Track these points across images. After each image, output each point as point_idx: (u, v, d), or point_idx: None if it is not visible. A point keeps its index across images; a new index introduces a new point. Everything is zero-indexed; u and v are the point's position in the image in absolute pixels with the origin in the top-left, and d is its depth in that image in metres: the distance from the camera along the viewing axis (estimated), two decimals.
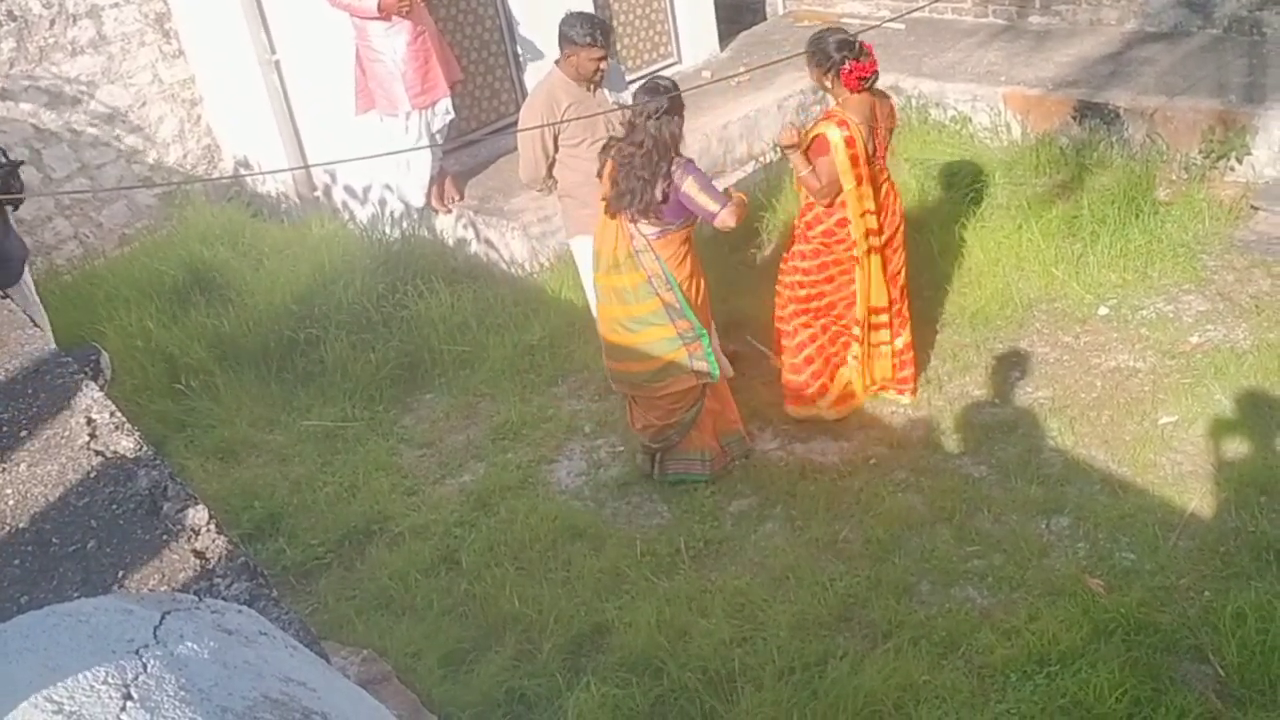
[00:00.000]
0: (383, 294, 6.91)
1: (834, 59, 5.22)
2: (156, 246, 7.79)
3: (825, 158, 5.23)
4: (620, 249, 5.08)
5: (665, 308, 5.12)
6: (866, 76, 5.24)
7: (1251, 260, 6.32)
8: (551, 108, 5.64)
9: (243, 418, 6.29)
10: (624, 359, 5.29)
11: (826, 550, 4.86)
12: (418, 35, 6.87)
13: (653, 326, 5.17)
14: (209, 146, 8.84)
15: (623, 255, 5.08)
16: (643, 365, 5.24)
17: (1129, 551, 4.56)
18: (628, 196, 4.96)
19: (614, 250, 5.10)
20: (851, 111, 5.25)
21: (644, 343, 5.20)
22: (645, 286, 5.10)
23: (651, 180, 4.90)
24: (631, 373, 5.30)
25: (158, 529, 1.89)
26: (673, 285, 5.10)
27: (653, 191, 4.91)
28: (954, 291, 6.43)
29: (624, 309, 5.18)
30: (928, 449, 5.43)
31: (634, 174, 4.92)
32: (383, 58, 6.90)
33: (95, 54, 8.19)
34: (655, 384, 5.26)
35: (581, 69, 5.60)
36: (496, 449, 5.92)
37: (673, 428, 5.34)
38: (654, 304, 5.12)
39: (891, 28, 9.19)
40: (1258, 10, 7.80)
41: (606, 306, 5.29)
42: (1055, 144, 7.43)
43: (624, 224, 5.04)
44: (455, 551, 5.18)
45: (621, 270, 5.11)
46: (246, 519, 5.53)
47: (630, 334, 5.21)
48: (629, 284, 5.12)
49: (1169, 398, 5.40)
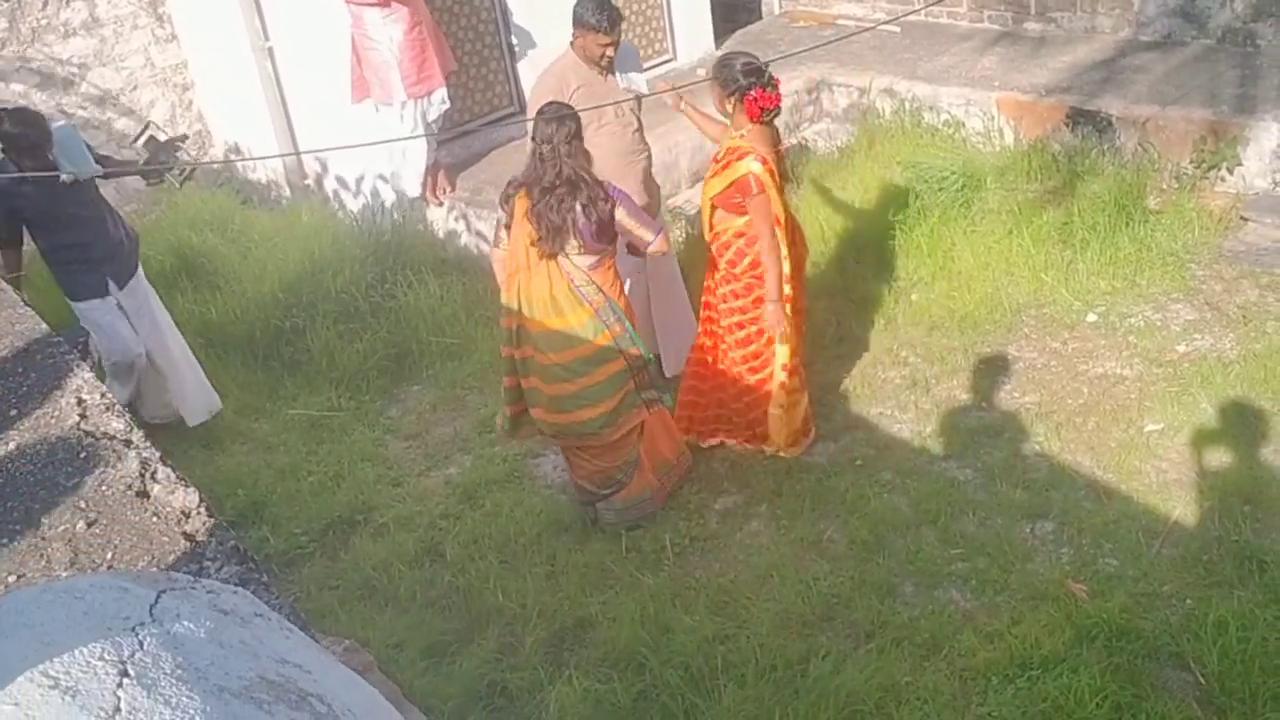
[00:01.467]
0: (371, 284, 6.90)
1: (740, 84, 4.99)
2: (145, 231, 7.73)
3: (753, 198, 5.00)
4: (558, 289, 4.80)
5: (615, 340, 4.89)
6: (769, 109, 5.02)
7: (1240, 271, 6.36)
8: (560, 88, 5.61)
9: (228, 405, 6.28)
10: (570, 409, 4.95)
11: (811, 549, 4.87)
12: (414, 24, 6.85)
13: (603, 365, 4.90)
14: (200, 132, 8.80)
15: (561, 295, 4.80)
16: (594, 411, 4.93)
17: (1112, 558, 4.58)
18: (560, 234, 4.70)
19: (550, 293, 4.80)
20: (758, 143, 5.03)
21: (595, 384, 4.91)
22: (593, 322, 4.84)
23: (574, 210, 4.67)
24: (581, 422, 4.96)
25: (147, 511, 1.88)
26: (619, 314, 4.90)
27: (581, 222, 4.69)
28: (943, 295, 6.45)
29: (570, 353, 4.86)
30: (914, 451, 5.44)
31: (558, 210, 4.67)
32: (379, 46, 6.87)
33: (88, 36, 8.14)
34: (608, 429, 4.98)
35: (589, 52, 5.57)
36: (483, 442, 5.91)
37: (620, 468, 5.11)
38: (604, 338, 4.87)
39: (886, 30, 9.20)
40: (1251, 21, 7.83)
41: (542, 356, 4.91)
42: (1047, 150, 7.45)
43: (556, 264, 4.78)
44: (439, 543, 5.17)
45: (564, 311, 4.82)
46: (230, 507, 5.50)
47: (578, 379, 4.89)
48: (575, 323, 4.83)
49: (1155, 405, 5.43)
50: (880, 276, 6.69)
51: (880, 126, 8.24)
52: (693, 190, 7.98)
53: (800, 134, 8.64)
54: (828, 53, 8.64)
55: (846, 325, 6.34)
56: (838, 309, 6.44)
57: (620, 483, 5.12)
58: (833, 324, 6.34)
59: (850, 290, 6.58)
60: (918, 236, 6.80)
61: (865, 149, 7.97)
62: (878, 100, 8.44)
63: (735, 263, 5.22)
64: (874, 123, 8.31)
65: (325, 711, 1.13)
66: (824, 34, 9.40)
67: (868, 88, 8.51)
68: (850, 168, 7.76)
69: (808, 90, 8.77)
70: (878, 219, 7.02)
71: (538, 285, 4.83)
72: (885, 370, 6.02)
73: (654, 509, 5.23)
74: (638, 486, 5.16)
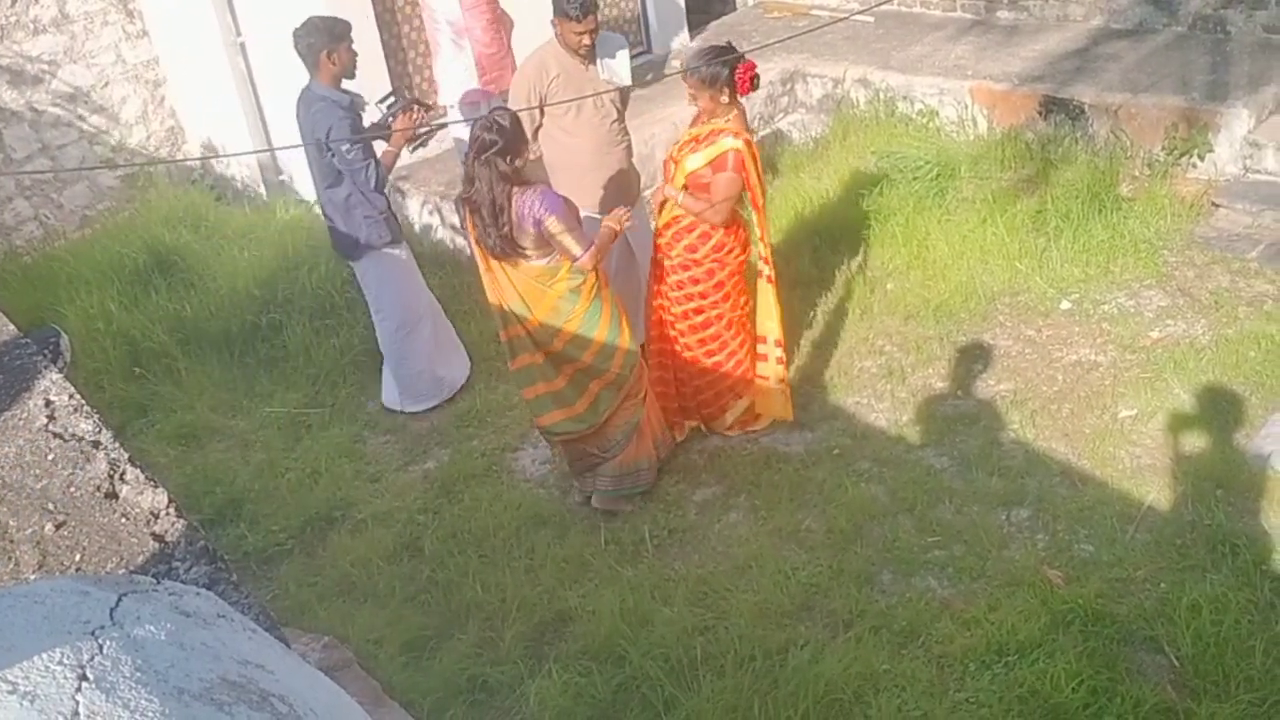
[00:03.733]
0: (347, 279, 6.86)
1: (723, 73, 5.01)
2: (118, 229, 7.71)
3: (727, 174, 5.04)
4: (525, 283, 4.85)
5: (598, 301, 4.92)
6: (755, 75, 5.11)
7: (1212, 257, 6.40)
8: (540, 75, 5.59)
9: (204, 403, 6.25)
10: (573, 399, 5.02)
11: (789, 539, 4.89)
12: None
13: (595, 328, 4.92)
14: (173, 128, 8.75)
15: (527, 288, 4.85)
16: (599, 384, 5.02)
17: (1087, 543, 4.62)
18: (500, 243, 4.73)
19: (527, 283, 4.85)
20: (740, 127, 5.06)
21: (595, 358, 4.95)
22: (564, 301, 4.87)
23: (504, 219, 4.68)
24: (585, 411, 5.03)
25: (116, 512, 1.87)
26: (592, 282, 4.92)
27: (511, 228, 4.69)
28: (918, 284, 6.47)
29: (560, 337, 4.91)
30: (891, 440, 5.46)
31: (492, 219, 4.69)
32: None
33: (58, 33, 8.08)
34: (613, 401, 5.04)
35: (567, 40, 5.55)
36: (461, 436, 5.91)
37: (621, 428, 5.14)
38: (584, 303, 4.89)
39: (860, 20, 9.21)
40: (1222, 8, 7.88)
41: (531, 357, 4.97)
42: (1021, 139, 7.48)
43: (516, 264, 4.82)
44: (418, 539, 5.17)
45: (542, 296, 4.87)
46: (207, 504, 5.50)
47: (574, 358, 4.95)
48: (551, 303, 4.87)
49: (1129, 392, 5.46)
50: (855, 266, 6.71)
51: (855, 116, 8.25)
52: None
53: (775, 125, 8.65)
54: (802, 43, 8.63)
55: (822, 315, 6.35)
56: (813, 299, 6.46)
57: (618, 443, 5.13)
58: (808, 314, 6.35)
59: (826, 280, 6.60)
60: (893, 226, 6.82)
61: (840, 139, 7.99)
62: (852, 90, 8.46)
63: (696, 247, 5.24)
64: (848, 113, 8.33)
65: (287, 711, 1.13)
66: (798, 24, 9.41)
67: (842, 78, 8.52)
68: (825, 158, 7.78)
69: (782, 81, 8.77)
70: (853, 209, 7.04)
71: (519, 277, 4.85)
72: (862, 359, 6.04)
73: (649, 480, 5.26)
74: (634, 453, 5.18)
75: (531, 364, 4.99)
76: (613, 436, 5.12)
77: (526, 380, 5.07)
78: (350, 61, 5.59)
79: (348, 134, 5.46)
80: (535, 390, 5.05)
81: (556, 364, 4.97)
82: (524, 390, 5.14)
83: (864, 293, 6.47)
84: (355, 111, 5.63)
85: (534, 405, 5.12)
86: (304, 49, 5.53)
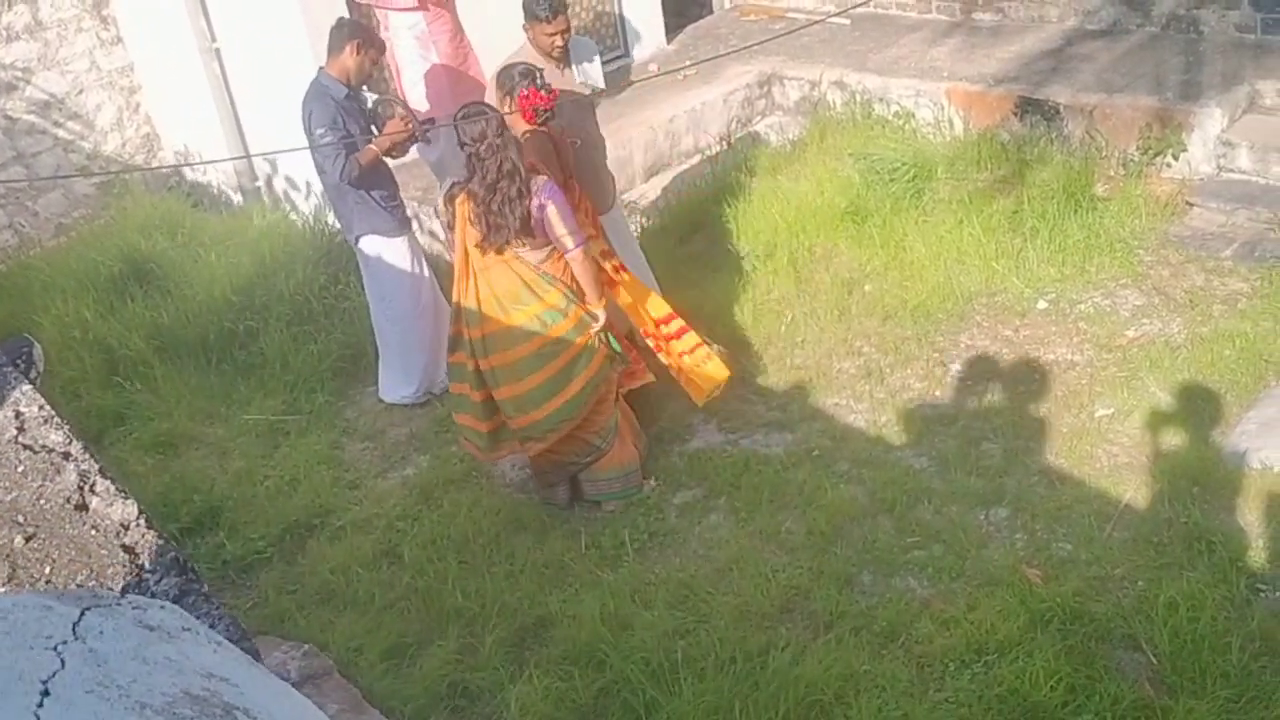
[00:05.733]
0: (324, 285, 6.86)
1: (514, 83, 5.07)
2: (94, 236, 7.67)
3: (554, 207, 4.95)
4: (526, 278, 4.87)
5: (576, 324, 4.93)
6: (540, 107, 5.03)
7: (1186, 256, 6.43)
8: None
9: (182, 410, 6.22)
10: (541, 401, 4.97)
11: (770, 541, 4.89)
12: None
13: (567, 348, 4.94)
14: (148, 135, 8.71)
15: (526, 284, 4.87)
16: (561, 399, 4.97)
17: (1066, 542, 4.63)
18: (502, 230, 4.73)
19: (513, 286, 4.87)
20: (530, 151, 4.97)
21: (559, 370, 4.95)
22: (553, 311, 4.90)
23: (515, 207, 4.70)
24: (551, 414, 4.98)
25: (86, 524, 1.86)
26: (575, 299, 4.94)
27: (521, 216, 4.71)
28: (896, 285, 6.48)
29: (538, 340, 4.90)
30: (870, 441, 5.47)
31: (500, 207, 4.70)
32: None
33: (31, 40, 8.03)
34: (578, 413, 5.02)
35: (540, 43, 5.55)
36: (440, 441, 5.89)
37: (599, 434, 5.12)
38: (562, 326, 4.90)
39: (836, 23, 9.23)
40: (1195, 8, 7.92)
41: (511, 353, 4.95)
42: (997, 139, 7.51)
43: (510, 260, 4.83)
44: (397, 545, 5.16)
45: (528, 301, 4.89)
46: (186, 513, 5.47)
47: (547, 364, 4.94)
48: (538, 310, 4.89)
49: (1106, 390, 5.49)
50: (833, 267, 6.72)
51: (831, 119, 8.27)
52: (647, 184, 8.00)
53: (752, 127, 8.67)
54: (778, 46, 8.65)
55: (800, 316, 6.36)
56: (791, 300, 6.47)
57: (600, 449, 5.13)
58: (787, 316, 6.36)
59: (804, 282, 6.60)
60: (870, 227, 6.84)
61: (817, 141, 8.00)
62: (828, 93, 8.48)
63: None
64: (825, 115, 8.34)
65: None
66: (774, 27, 9.43)
67: (818, 80, 8.54)
68: (802, 160, 7.79)
69: (759, 83, 8.79)
70: (830, 210, 7.05)
71: (499, 279, 4.85)
72: (840, 361, 6.06)
73: (639, 481, 5.27)
74: (620, 456, 5.18)
75: (506, 362, 4.99)
76: (591, 442, 5.11)
77: (502, 379, 5.03)
78: (367, 69, 5.75)
79: (328, 121, 5.54)
80: (512, 389, 5.02)
81: (533, 362, 4.96)
82: (499, 391, 5.05)
83: (841, 294, 6.48)
84: (348, 105, 5.68)
85: (511, 405, 5.06)
86: (337, 33, 5.70)
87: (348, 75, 5.67)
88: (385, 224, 5.83)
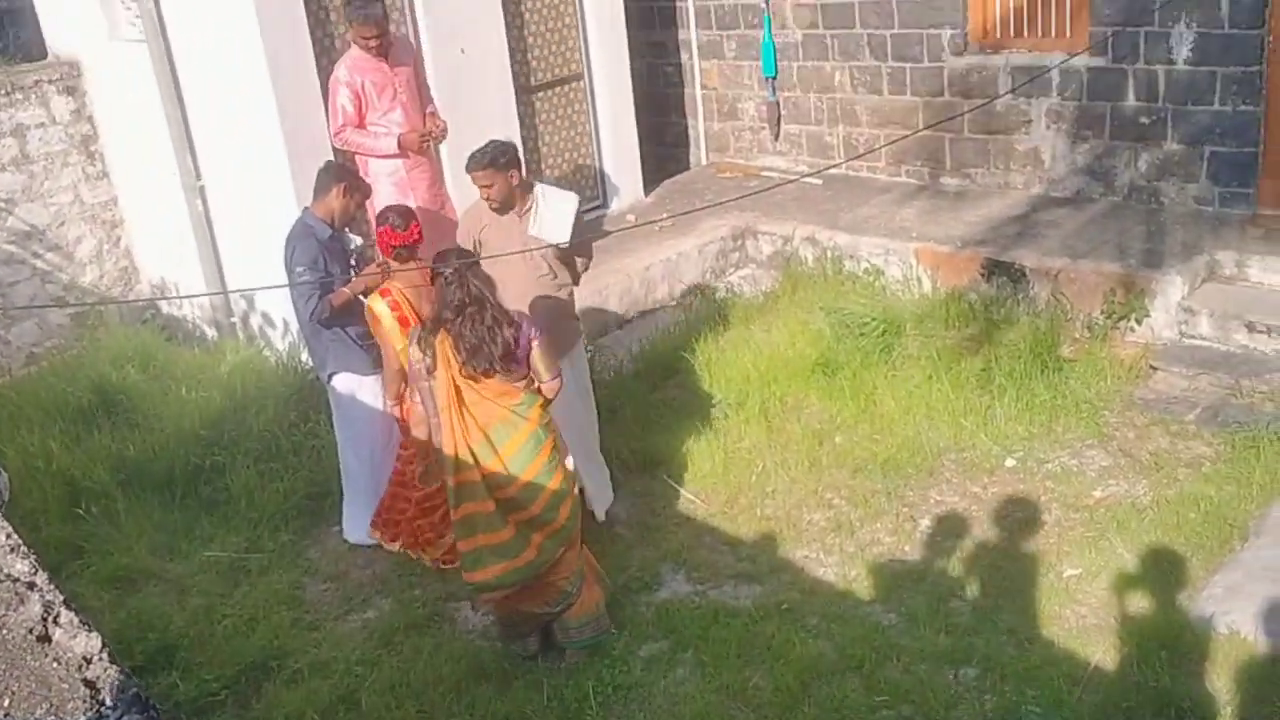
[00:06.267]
0: (294, 422, 6.83)
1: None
2: (65, 366, 7.65)
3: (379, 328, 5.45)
4: (507, 406, 4.80)
5: (553, 452, 4.89)
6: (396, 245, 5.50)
7: (1151, 418, 6.53)
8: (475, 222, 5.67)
9: (143, 545, 6.11)
10: (519, 550, 4.87)
11: (736, 698, 4.80)
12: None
13: (551, 477, 4.87)
14: (126, 268, 8.77)
15: (509, 415, 4.81)
16: (550, 529, 4.89)
17: (1035, 705, 4.57)
18: (480, 352, 4.69)
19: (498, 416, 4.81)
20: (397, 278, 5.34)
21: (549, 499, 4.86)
22: (532, 439, 4.83)
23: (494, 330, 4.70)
24: (531, 562, 4.89)
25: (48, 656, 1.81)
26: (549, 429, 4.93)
27: (501, 340, 4.70)
28: (866, 438, 6.53)
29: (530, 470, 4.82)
30: (839, 595, 5.43)
31: (475, 327, 4.68)
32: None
33: (17, 172, 8.14)
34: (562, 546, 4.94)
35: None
36: (403, 584, 5.80)
37: (569, 580, 5.04)
38: (545, 452, 4.86)
39: (809, 182, 9.50)
40: (1155, 180, 8.22)
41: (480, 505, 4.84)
42: (965, 299, 7.67)
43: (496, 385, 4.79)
44: (355, 691, 5.02)
45: (511, 432, 4.82)
46: (140, 650, 5.32)
47: (539, 497, 4.83)
48: (521, 440, 4.82)
49: (1073, 550, 5.49)
50: (804, 418, 6.77)
51: (803, 273, 8.45)
52: (621, 330, 8.08)
53: (727, 278, 8.83)
54: (753, 202, 8.90)
55: (771, 466, 6.37)
56: (762, 450, 6.49)
57: (570, 595, 5.05)
58: (758, 465, 6.38)
59: (775, 432, 6.64)
60: (840, 380, 6.92)
61: (789, 294, 8.15)
62: (801, 248, 8.68)
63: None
64: (797, 269, 8.53)
65: None
66: (749, 184, 9.70)
67: (791, 236, 8.75)
68: (774, 311, 7.92)
69: (733, 237, 8.99)
70: (801, 362, 7.14)
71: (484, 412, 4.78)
72: (810, 512, 6.05)
73: (608, 625, 5.18)
74: (589, 600, 5.12)
75: (478, 512, 4.89)
76: (561, 588, 5.05)
77: (467, 530, 4.91)
78: (351, 211, 5.92)
79: (309, 260, 5.66)
80: (474, 542, 4.89)
81: (505, 513, 4.89)
82: (461, 542, 4.97)
83: (812, 445, 6.52)
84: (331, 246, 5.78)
85: (469, 559, 4.94)
86: (325, 176, 5.85)
87: (333, 216, 5.80)
88: (359, 362, 5.86)
